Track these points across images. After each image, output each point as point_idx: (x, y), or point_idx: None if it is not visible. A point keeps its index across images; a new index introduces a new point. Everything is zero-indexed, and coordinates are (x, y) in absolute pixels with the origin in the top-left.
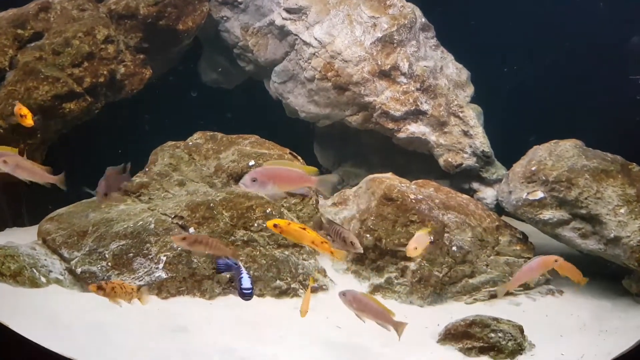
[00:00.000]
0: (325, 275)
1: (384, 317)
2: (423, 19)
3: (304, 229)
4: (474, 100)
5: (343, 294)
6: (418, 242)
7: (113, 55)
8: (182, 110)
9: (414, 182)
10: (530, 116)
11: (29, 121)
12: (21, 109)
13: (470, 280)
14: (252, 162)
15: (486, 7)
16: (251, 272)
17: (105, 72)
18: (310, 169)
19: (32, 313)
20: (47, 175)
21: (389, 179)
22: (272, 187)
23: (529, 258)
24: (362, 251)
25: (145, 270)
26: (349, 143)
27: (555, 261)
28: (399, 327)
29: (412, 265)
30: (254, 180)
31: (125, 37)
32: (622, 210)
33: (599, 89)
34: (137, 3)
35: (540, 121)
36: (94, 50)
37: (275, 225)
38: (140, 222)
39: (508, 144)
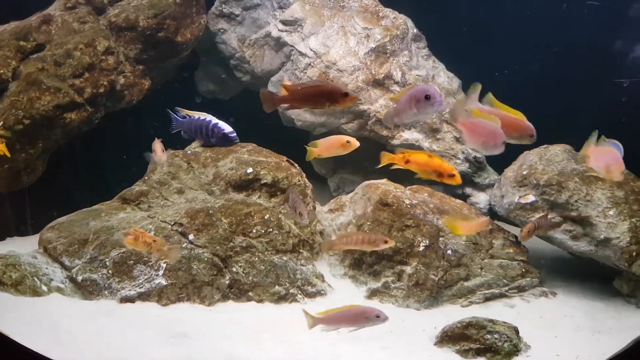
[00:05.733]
0: (323, 281)
1: None
2: (415, 30)
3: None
4: None
5: None
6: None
7: (113, 66)
8: None
9: (408, 187)
10: None
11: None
12: None
13: (466, 283)
14: (250, 170)
15: (475, 16)
16: (250, 277)
17: (105, 83)
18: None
19: (33, 322)
20: None
21: (384, 185)
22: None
23: (522, 261)
24: (307, 222)
25: (146, 277)
26: None
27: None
28: None
29: (408, 269)
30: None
31: (125, 48)
32: (611, 212)
33: (588, 94)
34: (136, 15)
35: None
36: (94, 61)
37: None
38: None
39: None
